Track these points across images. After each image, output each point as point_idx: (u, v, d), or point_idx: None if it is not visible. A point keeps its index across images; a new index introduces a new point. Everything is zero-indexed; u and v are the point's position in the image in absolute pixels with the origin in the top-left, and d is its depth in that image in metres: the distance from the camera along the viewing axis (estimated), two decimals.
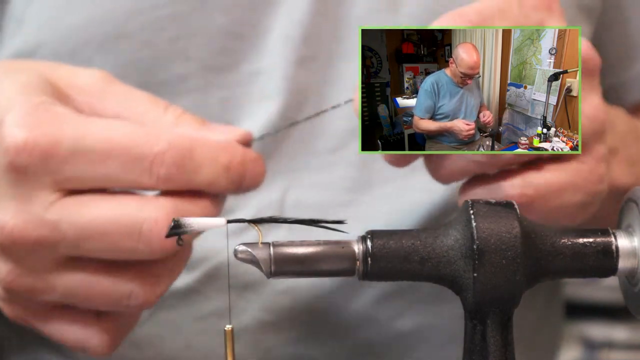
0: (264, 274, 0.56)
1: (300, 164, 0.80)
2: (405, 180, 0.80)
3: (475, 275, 0.55)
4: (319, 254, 0.56)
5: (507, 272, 0.55)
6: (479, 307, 0.56)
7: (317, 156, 0.80)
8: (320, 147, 0.80)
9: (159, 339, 0.81)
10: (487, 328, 0.56)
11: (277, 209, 0.79)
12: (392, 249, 0.56)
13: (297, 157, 0.80)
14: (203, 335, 0.80)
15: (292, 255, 0.56)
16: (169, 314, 0.81)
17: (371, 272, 0.56)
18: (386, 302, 0.81)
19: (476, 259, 0.55)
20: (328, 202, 0.80)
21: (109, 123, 0.63)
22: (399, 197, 0.80)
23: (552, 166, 0.64)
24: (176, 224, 0.56)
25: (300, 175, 0.80)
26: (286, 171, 0.80)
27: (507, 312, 0.56)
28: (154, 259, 0.63)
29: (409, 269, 0.56)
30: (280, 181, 0.80)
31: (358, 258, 0.56)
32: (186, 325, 0.81)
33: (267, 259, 0.56)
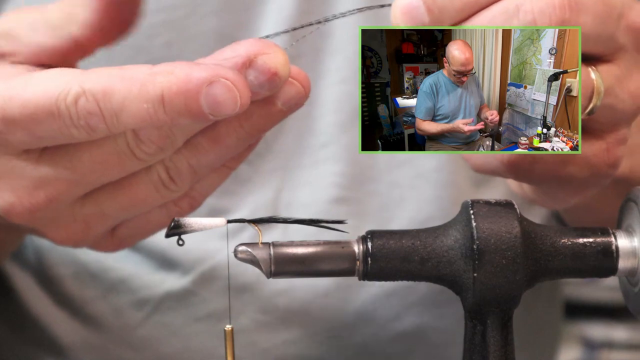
0: (263, 274, 0.56)
1: (293, 162, 0.80)
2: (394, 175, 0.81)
3: (475, 275, 0.55)
4: (319, 254, 0.56)
5: (507, 272, 0.55)
6: (479, 307, 0.56)
7: (308, 153, 0.80)
8: (311, 143, 0.80)
9: (156, 341, 0.81)
10: (487, 328, 0.56)
11: (271, 208, 0.80)
12: (392, 249, 0.56)
13: (288, 155, 0.80)
14: (200, 337, 0.80)
15: (292, 255, 0.56)
16: (167, 316, 0.81)
17: (371, 272, 0.56)
18: (385, 303, 0.81)
19: (476, 259, 0.55)
20: (321, 199, 0.80)
21: (20, 85, 0.57)
22: (390, 192, 0.81)
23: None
24: (176, 224, 0.56)
25: (293, 174, 0.80)
26: (279, 170, 0.80)
27: (507, 312, 0.56)
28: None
29: (409, 269, 0.56)
30: (273, 180, 0.80)
31: (358, 258, 0.56)
32: (183, 327, 0.81)
33: (267, 259, 0.56)
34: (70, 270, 0.83)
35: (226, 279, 0.79)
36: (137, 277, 0.81)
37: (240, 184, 0.80)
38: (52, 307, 0.84)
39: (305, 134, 0.80)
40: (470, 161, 0.66)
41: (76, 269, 0.82)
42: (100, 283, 0.82)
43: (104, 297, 0.82)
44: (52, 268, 0.83)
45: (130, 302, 0.81)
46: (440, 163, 0.81)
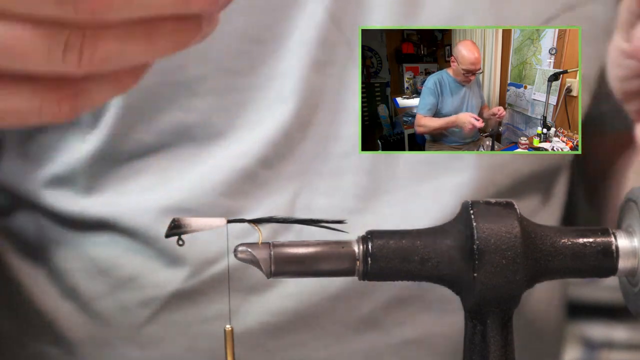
0: (264, 274, 0.56)
1: (313, 168, 0.80)
2: (413, 188, 0.80)
3: (475, 275, 0.55)
4: (319, 254, 0.56)
5: (507, 272, 0.55)
6: (479, 307, 0.56)
7: (329, 160, 0.80)
8: (332, 151, 0.80)
9: (162, 340, 0.81)
10: (487, 328, 0.56)
11: (286, 213, 0.79)
12: (392, 249, 0.56)
13: (309, 161, 0.80)
14: (206, 337, 0.80)
15: (292, 255, 0.56)
16: (173, 315, 0.81)
17: (371, 272, 0.56)
18: (391, 309, 0.81)
19: (476, 259, 0.55)
20: (337, 207, 0.80)
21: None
22: (408, 204, 0.80)
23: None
24: (176, 224, 0.56)
25: (311, 180, 0.80)
26: (298, 175, 0.80)
27: (507, 312, 0.56)
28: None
29: (409, 269, 0.56)
30: (291, 185, 0.80)
31: (358, 258, 0.56)
32: (189, 326, 0.81)
33: (267, 259, 0.56)
34: (78, 265, 0.83)
35: (236, 280, 0.79)
36: (146, 274, 0.81)
37: (258, 187, 0.80)
38: (59, 302, 0.84)
39: (328, 141, 0.80)
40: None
41: (84, 265, 0.82)
42: (108, 279, 0.82)
43: (112, 293, 0.82)
44: (60, 262, 0.83)
45: (137, 299, 0.81)
46: (462, 177, 0.81)
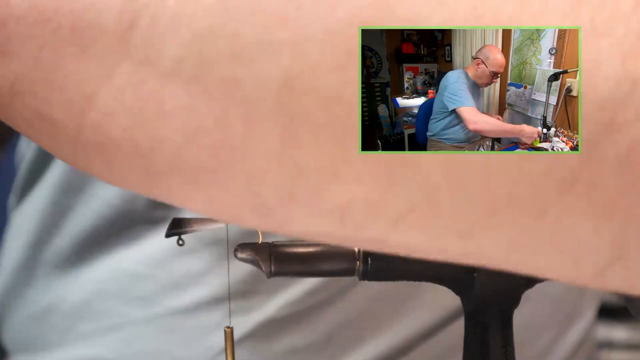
0: (264, 274, 0.56)
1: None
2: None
3: (475, 275, 0.55)
4: (319, 253, 0.56)
5: (507, 272, 0.55)
6: (479, 307, 0.56)
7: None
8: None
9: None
10: (487, 328, 0.56)
11: None
12: None
13: None
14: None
15: (292, 255, 0.56)
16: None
17: (371, 272, 0.56)
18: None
19: None
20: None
21: None
22: None
23: None
24: (176, 224, 0.56)
25: None
26: None
27: (507, 312, 0.56)
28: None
29: (409, 269, 0.56)
30: None
31: (358, 258, 0.56)
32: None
33: (267, 258, 0.56)
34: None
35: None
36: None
37: None
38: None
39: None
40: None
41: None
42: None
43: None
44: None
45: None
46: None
